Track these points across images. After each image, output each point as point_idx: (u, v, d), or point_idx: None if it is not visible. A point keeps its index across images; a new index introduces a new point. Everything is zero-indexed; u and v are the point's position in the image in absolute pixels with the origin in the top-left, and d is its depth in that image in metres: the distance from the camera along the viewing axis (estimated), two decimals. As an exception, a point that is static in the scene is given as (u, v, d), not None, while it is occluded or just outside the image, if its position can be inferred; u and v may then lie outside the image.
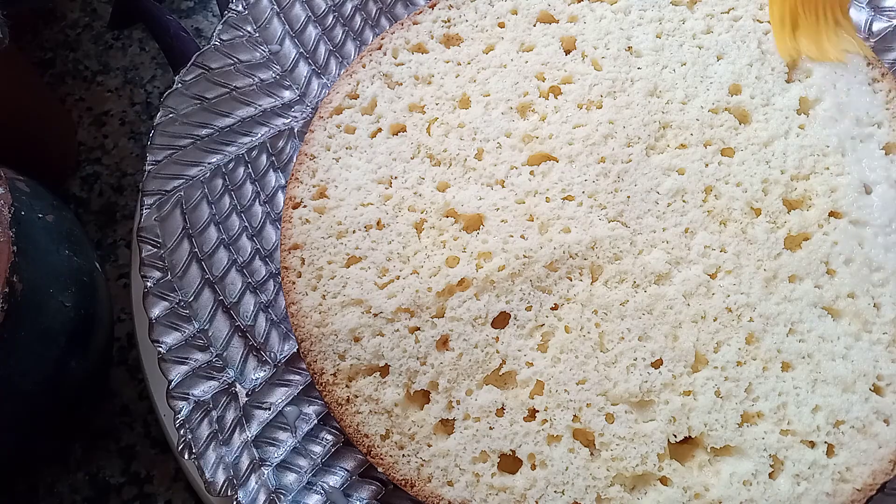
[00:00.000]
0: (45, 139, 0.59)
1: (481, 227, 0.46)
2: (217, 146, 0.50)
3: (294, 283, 0.46)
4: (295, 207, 0.48)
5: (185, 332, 0.46)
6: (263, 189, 0.51)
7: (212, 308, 0.47)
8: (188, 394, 0.44)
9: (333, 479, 0.44)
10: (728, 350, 0.42)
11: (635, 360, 0.42)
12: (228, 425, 0.44)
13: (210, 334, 0.46)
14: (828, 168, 0.45)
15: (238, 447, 0.44)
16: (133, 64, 0.65)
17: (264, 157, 0.51)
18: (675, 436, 0.41)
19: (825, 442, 0.40)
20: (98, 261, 0.48)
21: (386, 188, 0.47)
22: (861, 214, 0.44)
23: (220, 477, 0.42)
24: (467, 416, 0.42)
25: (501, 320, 0.44)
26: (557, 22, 0.50)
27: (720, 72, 0.48)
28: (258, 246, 0.49)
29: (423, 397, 0.43)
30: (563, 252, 0.44)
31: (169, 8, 0.66)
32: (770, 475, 0.40)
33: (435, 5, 0.52)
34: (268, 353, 0.46)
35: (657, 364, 0.42)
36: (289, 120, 0.52)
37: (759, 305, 0.42)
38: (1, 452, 0.44)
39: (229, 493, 0.42)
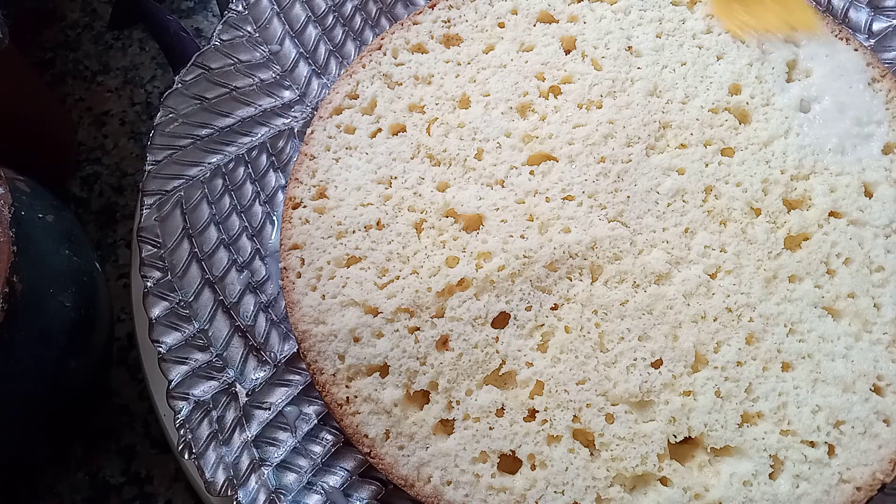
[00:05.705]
0: (45, 139, 0.59)
1: (481, 227, 0.46)
2: (217, 146, 0.50)
3: (294, 283, 0.46)
4: (295, 207, 0.48)
5: (185, 332, 0.46)
6: (263, 189, 0.51)
7: (212, 308, 0.47)
8: (188, 394, 0.44)
9: (333, 479, 0.44)
10: (728, 350, 0.42)
11: (635, 360, 0.42)
12: (228, 425, 0.44)
13: (210, 334, 0.46)
14: (828, 168, 0.45)
15: (238, 447, 0.44)
16: (133, 64, 0.65)
17: (264, 157, 0.51)
18: (675, 436, 0.41)
19: (825, 442, 0.40)
20: (98, 261, 0.48)
21: (386, 188, 0.47)
22: (861, 214, 0.44)
23: (220, 477, 0.42)
24: (467, 416, 0.42)
25: (501, 320, 0.44)
26: (557, 22, 0.50)
27: (720, 72, 0.48)
28: (258, 246, 0.49)
29: (423, 397, 0.43)
30: (563, 252, 0.44)
31: (169, 8, 0.66)
32: (770, 475, 0.40)
33: (435, 5, 0.52)
34: (268, 353, 0.46)
35: (657, 364, 0.42)
36: (289, 120, 0.52)
37: (760, 305, 0.42)
38: (1, 452, 0.44)
39: (229, 493, 0.42)
